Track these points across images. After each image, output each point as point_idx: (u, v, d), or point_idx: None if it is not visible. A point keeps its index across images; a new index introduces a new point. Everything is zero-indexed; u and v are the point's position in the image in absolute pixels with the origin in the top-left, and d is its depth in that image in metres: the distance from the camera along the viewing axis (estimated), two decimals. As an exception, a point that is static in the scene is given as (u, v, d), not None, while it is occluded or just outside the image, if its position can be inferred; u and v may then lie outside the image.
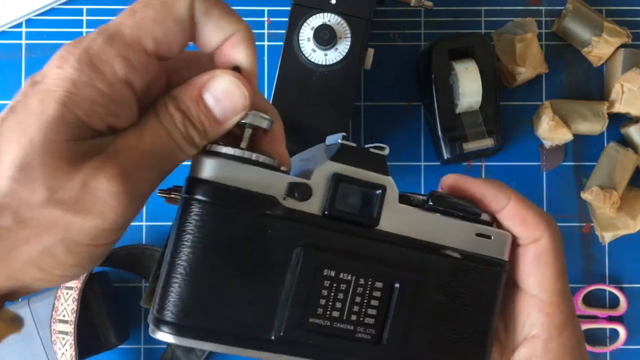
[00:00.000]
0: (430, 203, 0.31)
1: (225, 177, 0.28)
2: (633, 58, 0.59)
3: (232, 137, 0.30)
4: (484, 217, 0.32)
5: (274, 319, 0.28)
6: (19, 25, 0.61)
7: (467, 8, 0.62)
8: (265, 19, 0.61)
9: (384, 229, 0.30)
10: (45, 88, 0.25)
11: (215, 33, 0.28)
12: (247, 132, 0.29)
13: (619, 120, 0.61)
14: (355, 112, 0.61)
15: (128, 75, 0.26)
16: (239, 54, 0.29)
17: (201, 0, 0.28)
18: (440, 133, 0.57)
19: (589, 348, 0.60)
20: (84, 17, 0.61)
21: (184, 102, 0.28)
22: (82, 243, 0.25)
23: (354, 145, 0.30)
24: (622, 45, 0.60)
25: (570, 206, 0.61)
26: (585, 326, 0.60)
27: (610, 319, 0.61)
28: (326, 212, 0.29)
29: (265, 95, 0.61)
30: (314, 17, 0.50)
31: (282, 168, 0.29)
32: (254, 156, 0.28)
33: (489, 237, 0.32)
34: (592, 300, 0.61)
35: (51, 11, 0.61)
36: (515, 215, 0.32)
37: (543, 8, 0.62)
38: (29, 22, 0.61)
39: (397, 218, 0.30)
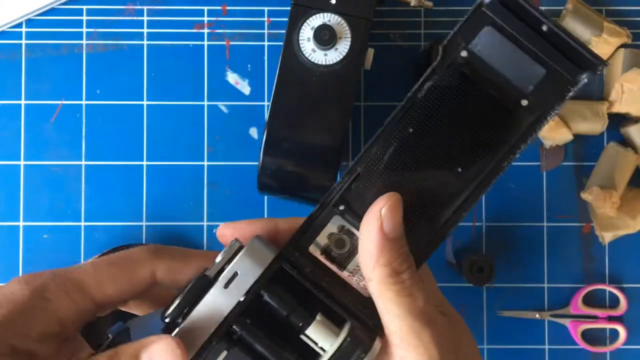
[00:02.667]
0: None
1: None
2: (633, 58, 0.59)
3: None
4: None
5: None
6: (19, 25, 0.61)
7: (467, 8, 0.61)
8: (265, 19, 0.61)
9: None
10: None
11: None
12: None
13: (619, 120, 0.61)
14: (355, 112, 0.61)
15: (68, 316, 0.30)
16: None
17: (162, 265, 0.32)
18: (440, 133, 0.57)
19: (589, 348, 0.60)
20: (84, 17, 0.61)
21: (121, 357, 0.29)
22: None
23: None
24: (622, 45, 0.60)
25: (570, 206, 0.61)
26: (585, 326, 0.60)
27: (610, 319, 0.61)
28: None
29: (266, 95, 0.61)
30: (314, 17, 0.50)
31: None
32: None
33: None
34: (592, 300, 0.61)
35: (51, 11, 0.61)
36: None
37: (543, 8, 0.62)
38: (29, 22, 0.61)
39: None
